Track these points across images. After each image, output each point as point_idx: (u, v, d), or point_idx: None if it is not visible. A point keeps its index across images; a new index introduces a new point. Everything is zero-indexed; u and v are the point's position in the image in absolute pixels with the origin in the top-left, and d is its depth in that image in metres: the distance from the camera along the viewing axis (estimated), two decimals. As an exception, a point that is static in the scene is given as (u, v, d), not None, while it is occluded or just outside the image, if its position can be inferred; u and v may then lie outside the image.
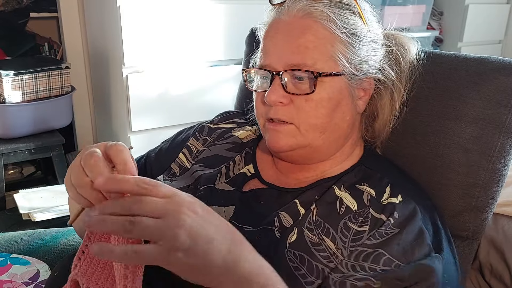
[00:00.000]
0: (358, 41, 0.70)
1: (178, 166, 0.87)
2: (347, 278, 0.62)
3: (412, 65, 0.79)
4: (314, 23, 0.68)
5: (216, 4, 1.92)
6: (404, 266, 0.62)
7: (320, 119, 0.70)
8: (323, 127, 0.70)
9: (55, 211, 1.58)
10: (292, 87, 0.69)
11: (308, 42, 0.68)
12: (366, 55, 0.72)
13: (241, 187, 0.78)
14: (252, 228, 0.70)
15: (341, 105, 0.71)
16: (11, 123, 1.72)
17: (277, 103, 0.70)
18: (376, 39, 0.74)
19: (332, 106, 0.70)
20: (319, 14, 0.68)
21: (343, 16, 0.69)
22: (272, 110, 0.71)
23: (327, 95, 0.69)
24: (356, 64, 0.70)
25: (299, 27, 0.68)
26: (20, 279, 0.89)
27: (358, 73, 0.71)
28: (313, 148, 0.72)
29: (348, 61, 0.69)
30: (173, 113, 1.94)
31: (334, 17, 0.68)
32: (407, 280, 0.61)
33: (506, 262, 1.21)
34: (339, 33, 0.68)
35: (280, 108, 0.70)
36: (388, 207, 0.67)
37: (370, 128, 0.79)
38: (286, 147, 0.72)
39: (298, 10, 0.69)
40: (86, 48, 2.20)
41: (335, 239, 0.66)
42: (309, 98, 0.69)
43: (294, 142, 0.71)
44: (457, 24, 2.76)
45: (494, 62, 0.79)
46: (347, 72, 0.70)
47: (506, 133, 0.76)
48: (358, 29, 0.70)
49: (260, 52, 0.74)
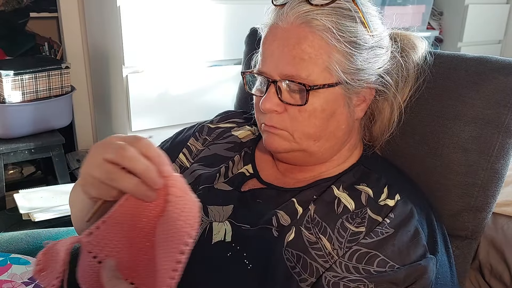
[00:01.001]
0: (357, 50, 0.68)
1: (178, 166, 0.87)
2: (341, 280, 0.62)
3: (418, 67, 0.78)
4: (311, 33, 0.66)
5: (216, 4, 1.92)
6: (398, 268, 0.62)
7: (313, 128, 0.69)
8: (316, 135, 0.70)
9: (55, 211, 1.58)
10: (287, 96, 0.69)
11: (304, 53, 0.66)
12: (365, 63, 0.69)
13: (239, 187, 0.78)
14: (250, 227, 0.70)
15: (336, 115, 0.70)
16: (11, 123, 1.72)
17: (272, 111, 0.70)
18: (380, 44, 0.71)
19: (326, 116, 0.69)
20: (317, 24, 0.66)
21: (342, 24, 0.67)
22: (267, 117, 0.71)
23: (321, 106, 0.68)
24: (353, 73, 0.68)
25: (295, 36, 0.67)
26: (20, 279, 0.89)
27: (355, 83, 0.69)
28: (309, 152, 0.72)
29: (344, 71, 0.67)
30: (173, 113, 1.95)
31: (331, 26, 0.66)
32: (401, 283, 0.61)
33: (506, 262, 1.21)
34: (336, 43, 0.66)
35: (274, 116, 0.70)
36: (385, 208, 0.67)
37: (368, 131, 0.79)
38: (280, 149, 0.72)
39: (296, 17, 0.67)
40: (86, 48, 2.20)
41: (331, 239, 0.66)
42: (302, 109, 0.68)
43: (288, 146, 0.71)
44: (457, 24, 2.76)
45: (493, 62, 0.79)
46: (343, 82, 0.68)
47: (505, 132, 0.76)
48: (358, 36, 0.68)
49: (259, 56, 0.74)
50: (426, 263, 0.62)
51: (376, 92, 0.74)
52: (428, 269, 0.62)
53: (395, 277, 0.61)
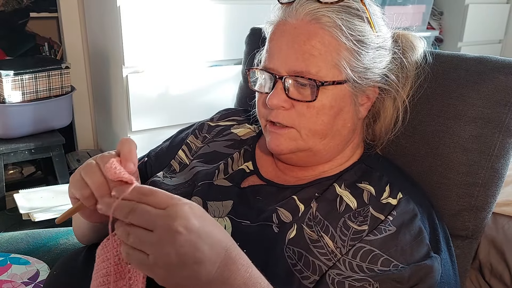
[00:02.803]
0: (364, 49, 0.69)
1: (178, 163, 0.87)
2: (345, 279, 0.62)
3: (418, 65, 0.78)
4: (321, 29, 0.67)
5: (216, 4, 1.92)
6: (403, 267, 0.62)
7: (320, 125, 0.69)
8: (323, 133, 0.70)
9: (55, 211, 1.58)
10: (294, 92, 0.69)
11: (314, 49, 0.67)
12: (371, 62, 0.70)
13: (239, 183, 0.78)
14: (250, 223, 0.70)
15: (343, 112, 0.70)
16: (11, 123, 1.72)
17: (279, 107, 0.70)
18: (384, 44, 0.72)
19: (334, 113, 0.69)
20: (327, 21, 0.67)
21: (350, 22, 0.68)
22: (273, 113, 0.71)
23: (329, 103, 0.68)
24: (360, 72, 0.69)
25: (306, 32, 0.67)
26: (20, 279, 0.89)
27: (362, 81, 0.70)
28: (314, 151, 0.72)
29: (352, 69, 0.68)
30: (173, 113, 1.95)
31: (341, 24, 0.67)
32: (406, 282, 0.61)
33: (506, 262, 1.21)
34: (345, 40, 0.67)
35: (281, 112, 0.70)
36: (388, 206, 0.67)
37: (370, 131, 0.79)
38: (286, 150, 0.72)
39: (306, 14, 0.67)
40: (86, 48, 2.20)
41: (334, 237, 0.66)
42: (311, 105, 0.68)
43: (295, 146, 0.71)
44: (457, 24, 2.76)
45: (493, 61, 0.79)
46: (351, 80, 0.69)
47: (505, 132, 0.76)
48: (365, 36, 0.69)
49: (265, 52, 0.74)
50: (431, 262, 0.62)
51: (379, 92, 0.74)
52: (433, 269, 0.62)
53: (399, 276, 0.61)
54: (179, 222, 0.46)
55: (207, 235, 0.49)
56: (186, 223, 0.47)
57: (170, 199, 0.49)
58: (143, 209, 0.47)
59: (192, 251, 0.47)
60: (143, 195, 0.49)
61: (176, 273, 0.47)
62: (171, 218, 0.47)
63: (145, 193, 0.49)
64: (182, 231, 0.46)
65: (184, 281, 0.47)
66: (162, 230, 0.46)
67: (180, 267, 0.46)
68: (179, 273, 0.47)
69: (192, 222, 0.47)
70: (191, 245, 0.47)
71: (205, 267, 0.48)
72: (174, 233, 0.46)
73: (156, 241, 0.46)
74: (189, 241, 0.46)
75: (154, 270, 0.47)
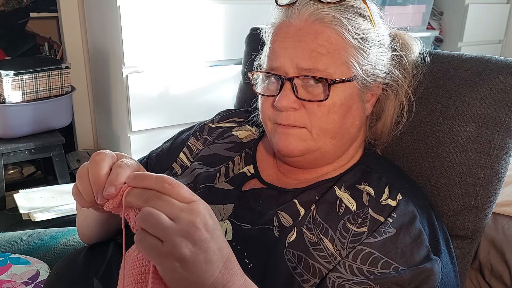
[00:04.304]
0: (369, 46, 0.70)
1: (179, 166, 0.87)
2: (346, 282, 0.61)
3: (416, 65, 0.79)
4: (327, 28, 0.67)
5: (216, 4, 1.92)
6: (403, 270, 0.62)
7: (332, 124, 0.69)
8: (334, 132, 0.70)
9: (55, 211, 1.58)
10: (303, 92, 0.69)
11: (321, 48, 0.67)
12: (376, 59, 0.71)
13: (240, 186, 0.78)
14: (251, 226, 0.70)
15: (352, 110, 0.71)
16: (11, 123, 1.72)
17: (288, 108, 0.69)
18: (383, 42, 0.73)
19: (344, 111, 0.69)
20: (331, 20, 0.67)
21: (354, 21, 0.68)
22: (282, 115, 0.70)
23: (340, 100, 0.68)
24: (367, 69, 0.70)
25: (312, 32, 0.67)
26: (20, 279, 0.89)
27: (369, 77, 0.70)
28: (322, 152, 0.72)
29: (360, 66, 0.69)
30: (173, 113, 1.95)
31: (346, 23, 0.67)
32: (406, 285, 0.61)
33: (506, 262, 1.21)
34: (351, 38, 0.67)
35: (291, 113, 0.69)
36: (387, 207, 0.67)
37: (372, 129, 0.79)
38: (296, 151, 0.71)
39: (309, 14, 0.67)
40: (86, 48, 2.21)
41: (333, 240, 0.66)
42: (322, 104, 0.68)
43: (305, 147, 0.70)
44: (457, 24, 2.76)
45: (493, 61, 0.79)
46: (359, 77, 0.69)
47: (505, 132, 0.76)
48: (369, 33, 0.70)
49: (266, 55, 0.73)
50: (432, 265, 0.62)
51: (383, 88, 0.75)
52: (434, 271, 0.62)
53: (399, 279, 0.61)
54: (200, 219, 0.47)
55: (218, 237, 0.49)
56: (206, 221, 0.48)
57: (193, 196, 0.49)
58: (168, 199, 0.47)
59: (205, 250, 0.47)
60: (170, 185, 0.48)
61: (187, 269, 0.46)
62: (195, 213, 0.47)
63: (172, 184, 0.48)
64: (201, 228, 0.47)
65: (192, 279, 0.47)
66: (185, 222, 0.46)
67: (191, 263, 0.46)
68: (189, 270, 0.46)
69: (209, 221, 0.48)
70: (206, 243, 0.47)
71: (212, 268, 0.48)
72: (195, 229, 0.46)
73: (175, 231, 0.45)
74: (204, 240, 0.47)
75: (167, 260, 0.45)
